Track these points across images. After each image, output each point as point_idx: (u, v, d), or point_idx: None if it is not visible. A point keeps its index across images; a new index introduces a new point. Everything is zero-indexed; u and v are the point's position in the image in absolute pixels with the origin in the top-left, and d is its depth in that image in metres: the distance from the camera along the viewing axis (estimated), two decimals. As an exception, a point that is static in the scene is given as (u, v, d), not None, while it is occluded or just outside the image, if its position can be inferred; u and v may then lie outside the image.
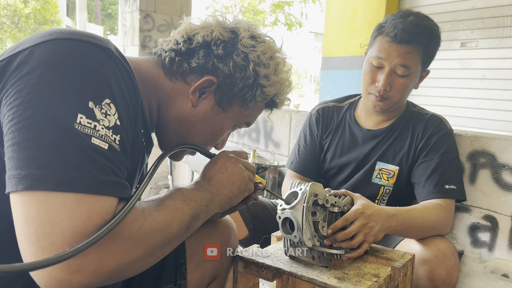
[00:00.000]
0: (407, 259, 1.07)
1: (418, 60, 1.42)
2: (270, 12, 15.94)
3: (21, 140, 0.63)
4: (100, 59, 0.72)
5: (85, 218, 0.63)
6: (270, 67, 0.94)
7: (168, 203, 0.81)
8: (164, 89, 0.93)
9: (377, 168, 1.55)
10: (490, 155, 1.56)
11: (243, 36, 0.93)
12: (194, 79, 0.92)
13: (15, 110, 0.65)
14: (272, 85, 0.95)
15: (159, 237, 0.75)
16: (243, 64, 0.92)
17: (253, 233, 1.58)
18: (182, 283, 1.07)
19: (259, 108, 1.02)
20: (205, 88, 0.92)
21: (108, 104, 0.70)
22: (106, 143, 0.68)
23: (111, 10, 20.13)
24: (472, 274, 1.45)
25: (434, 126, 1.50)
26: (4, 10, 15.33)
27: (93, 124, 0.67)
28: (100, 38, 0.77)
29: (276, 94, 0.99)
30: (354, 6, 5.11)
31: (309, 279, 0.98)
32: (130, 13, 3.81)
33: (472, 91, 4.38)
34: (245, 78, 0.92)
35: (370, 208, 1.12)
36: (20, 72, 0.68)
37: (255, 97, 0.95)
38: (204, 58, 0.91)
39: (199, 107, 0.94)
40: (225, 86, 0.92)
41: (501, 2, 4.05)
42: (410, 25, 1.38)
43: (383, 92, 1.45)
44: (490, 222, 1.58)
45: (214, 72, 0.91)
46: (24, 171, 0.62)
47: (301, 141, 1.77)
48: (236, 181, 0.97)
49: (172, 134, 0.98)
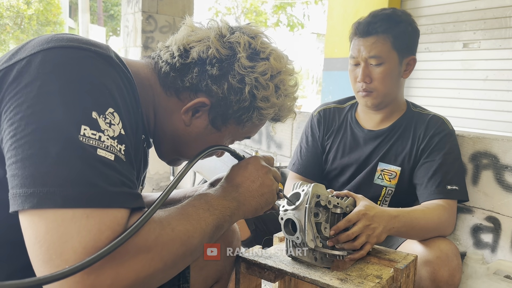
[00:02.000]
0: (409, 260, 1.07)
1: (388, 47, 1.46)
2: (272, 13, 15.95)
3: (25, 157, 0.62)
4: (100, 66, 0.70)
5: (96, 232, 0.61)
6: (269, 89, 0.88)
7: (190, 212, 0.78)
8: (160, 101, 0.90)
9: (379, 169, 1.55)
10: (493, 156, 1.56)
11: (241, 56, 0.86)
12: (188, 98, 0.88)
13: (17, 125, 0.63)
14: (271, 106, 0.90)
15: (179, 248, 0.72)
16: (239, 87, 0.86)
17: (255, 234, 1.58)
18: (185, 287, 1.06)
19: (261, 124, 0.97)
20: (198, 107, 0.88)
21: (112, 113, 0.68)
22: (112, 154, 0.66)
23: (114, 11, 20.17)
24: (475, 276, 1.45)
25: (436, 127, 1.50)
26: (7, 12, 15.38)
27: (97, 135, 0.65)
28: (99, 44, 0.74)
29: (277, 114, 0.94)
30: (356, 7, 5.11)
31: (312, 280, 0.98)
32: (133, 14, 3.82)
33: (474, 92, 4.37)
34: (241, 101, 0.87)
35: (372, 209, 1.12)
36: (19, 85, 0.65)
37: (252, 118, 0.90)
38: (198, 78, 0.86)
39: (193, 126, 0.90)
40: (219, 108, 0.88)
41: (504, 3, 4.04)
42: (368, 18, 1.49)
43: (365, 85, 1.50)
44: (492, 223, 1.58)
45: (208, 93, 0.86)
46: (30, 189, 0.60)
47: (302, 142, 1.77)
48: (265, 192, 0.94)
49: (167, 147, 0.95)
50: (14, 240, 0.69)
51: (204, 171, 2.73)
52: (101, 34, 16.73)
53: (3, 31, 15.62)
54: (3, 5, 15.09)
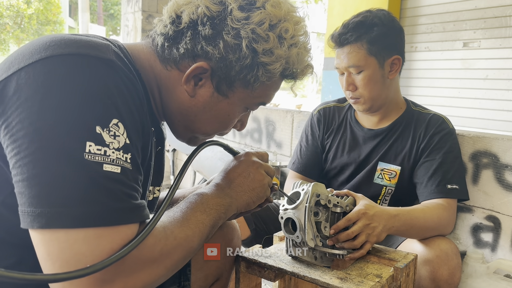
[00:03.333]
0: (409, 260, 1.07)
1: (363, 54, 1.46)
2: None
3: (30, 176, 0.61)
4: (101, 73, 0.68)
5: (108, 250, 0.63)
6: (271, 40, 0.79)
7: (189, 215, 0.79)
8: (161, 79, 0.86)
9: (379, 168, 1.55)
10: (493, 156, 1.56)
11: (233, 8, 0.79)
12: (187, 66, 0.82)
13: (20, 143, 0.62)
14: (277, 60, 0.81)
15: (180, 253, 0.75)
16: (235, 43, 0.79)
17: (255, 233, 1.58)
18: (186, 284, 1.06)
19: (273, 85, 0.88)
20: (199, 74, 0.82)
21: (116, 124, 0.67)
22: (118, 166, 0.66)
23: (114, 10, 20.17)
24: (475, 275, 1.45)
25: (436, 126, 1.50)
26: (7, 11, 15.38)
27: (103, 150, 0.64)
28: (99, 46, 0.72)
29: (286, 68, 0.85)
30: (356, 6, 5.11)
31: (312, 279, 0.98)
32: (133, 14, 3.82)
33: (474, 91, 4.37)
34: (241, 59, 0.79)
35: (372, 208, 1.12)
36: (19, 98, 0.64)
37: (258, 77, 0.82)
38: (192, 42, 0.80)
39: (198, 96, 0.85)
40: (220, 71, 0.81)
41: (504, 2, 4.04)
42: (340, 29, 1.51)
43: (352, 94, 1.52)
44: (492, 223, 1.58)
45: (206, 56, 0.80)
46: (37, 209, 0.61)
47: (302, 141, 1.77)
48: (256, 187, 0.95)
49: (179, 125, 0.92)
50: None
51: (204, 170, 2.74)
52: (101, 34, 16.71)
53: (3, 31, 15.62)
54: (3, 4, 15.08)
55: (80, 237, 0.61)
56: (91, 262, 0.61)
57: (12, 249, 0.74)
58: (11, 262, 0.74)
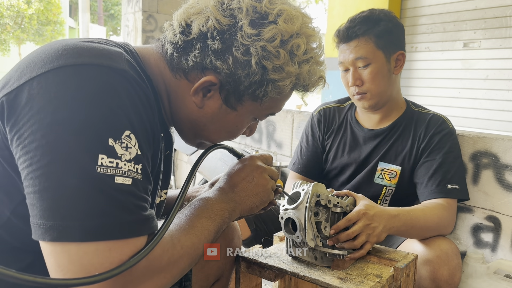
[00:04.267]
0: (409, 260, 1.07)
1: (371, 47, 1.47)
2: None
3: (42, 189, 0.61)
4: (114, 85, 0.67)
5: (118, 262, 0.63)
6: (281, 57, 0.78)
7: (195, 223, 0.80)
8: (171, 86, 0.85)
9: (379, 169, 1.55)
10: (493, 156, 1.56)
11: (244, 24, 0.76)
12: (196, 78, 0.82)
13: (32, 155, 0.62)
14: (287, 76, 0.80)
15: (186, 261, 0.76)
16: (245, 59, 0.77)
17: (255, 233, 1.59)
18: (187, 285, 1.06)
19: (283, 98, 0.88)
20: (208, 87, 0.81)
21: (128, 136, 0.67)
22: (130, 178, 0.66)
23: (114, 10, 20.18)
24: (475, 275, 1.45)
25: (436, 126, 1.50)
26: (7, 11, 15.39)
27: (115, 163, 0.64)
28: (112, 55, 0.71)
29: (297, 84, 0.84)
30: (356, 7, 5.11)
31: (312, 279, 0.98)
32: (133, 14, 3.83)
33: (474, 92, 4.37)
34: (250, 75, 0.78)
35: (372, 208, 1.13)
36: (31, 109, 0.63)
37: (267, 93, 0.81)
38: (201, 55, 0.79)
39: (206, 107, 0.84)
40: (229, 85, 0.80)
41: (504, 2, 4.04)
42: (347, 23, 1.52)
43: (358, 89, 1.52)
44: (493, 223, 1.58)
45: (215, 70, 0.79)
46: (49, 222, 0.61)
47: (303, 142, 1.77)
48: (259, 192, 0.95)
49: (188, 132, 0.93)
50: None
51: (205, 171, 2.74)
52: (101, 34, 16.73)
53: (3, 31, 15.63)
54: (3, 4, 15.09)
55: (91, 250, 0.62)
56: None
57: (23, 254, 0.75)
58: (23, 265, 0.75)
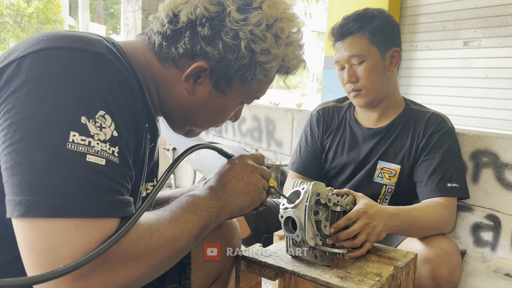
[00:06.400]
0: (409, 258, 1.07)
1: (366, 44, 1.48)
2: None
3: (13, 165, 0.62)
4: (91, 66, 0.68)
5: (85, 243, 0.62)
6: (268, 40, 0.82)
7: (178, 215, 0.79)
8: (159, 76, 0.87)
9: (379, 167, 1.55)
10: (493, 154, 1.56)
11: (231, 10, 0.80)
12: (186, 65, 0.84)
13: (6, 132, 0.63)
14: (274, 59, 0.85)
15: (166, 252, 0.73)
16: (234, 44, 0.81)
17: (255, 232, 1.59)
18: (187, 283, 1.07)
19: (268, 80, 0.92)
20: (198, 73, 0.84)
21: (103, 116, 0.67)
22: (103, 158, 0.65)
23: (114, 9, 20.15)
24: (475, 274, 1.45)
25: (436, 124, 1.50)
26: (7, 10, 15.37)
27: (87, 141, 0.64)
28: (91, 41, 0.72)
29: (282, 66, 0.89)
30: (356, 5, 5.09)
31: (312, 278, 0.98)
32: (133, 12, 3.82)
33: (475, 90, 4.37)
34: (240, 59, 0.82)
35: (372, 207, 1.13)
36: (8, 89, 0.65)
37: (256, 75, 0.85)
38: (191, 42, 0.82)
39: (196, 93, 0.87)
40: (219, 70, 0.84)
41: (504, 1, 4.03)
42: (341, 21, 1.53)
43: (353, 85, 1.52)
44: (492, 222, 1.58)
45: (205, 56, 0.82)
46: (18, 197, 0.61)
47: (302, 142, 1.77)
48: (250, 191, 0.94)
49: (177, 120, 0.94)
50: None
51: (204, 169, 2.73)
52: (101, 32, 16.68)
53: (3, 29, 15.61)
54: (3, 3, 15.07)
55: (57, 227, 0.61)
56: (67, 253, 0.61)
57: (10, 244, 0.73)
58: (9, 258, 0.74)
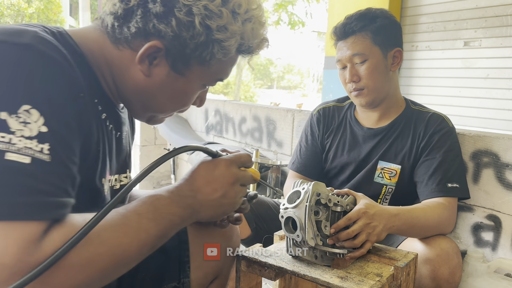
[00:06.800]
0: (410, 259, 1.07)
1: (368, 43, 1.48)
2: (273, 11, 15.92)
3: None
4: (14, 60, 0.64)
5: (2, 247, 0.57)
6: (224, 16, 0.78)
7: (131, 220, 0.72)
8: (113, 59, 0.83)
9: (379, 167, 1.55)
10: (494, 155, 1.56)
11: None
12: (140, 45, 0.79)
13: None
14: (232, 36, 0.80)
15: (107, 261, 0.67)
16: (188, 20, 0.76)
17: (256, 232, 1.58)
18: (186, 281, 1.06)
19: (229, 61, 0.87)
20: (153, 53, 0.79)
21: (27, 111, 0.62)
22: (28, 156, 0.61)
23: (114, 9, 20.12)
24: (475, 274, 1.45)
25: (436, 125, 1.50)
26: (7, 10, 15.38)
27: (7, 138, 0.60)
28: (20, 32, 0.68)
29: (242, 44, 0.83)
30: (357, 5, 5.09)
31: (312, 278, 0.98)
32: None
33: (475, 91, 4.36)
34: (195, 36, 0.77)
35: (373, 207, 1.12)
36: None
37: (214, 54, 0.81)
38: (143, 20, 0.77)
39: (153, 75, 0.82)
40: (175, 49, 0.79)
41: (505, 1, 4.03)
42: (344, 20, 1.53)
43: (355, 85, 1.52)
44: (493, 222, 1.58)
45: (159, 35, 0.78)
46: None
47: (302, 141, 1.77)
48: (225, 204, 0.85)
49: (136, 105, 0.89)
50: None
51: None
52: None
53: (3, 30, 15.59)
54: (3, 3, 15.08)
55: None
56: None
57: None
58: None
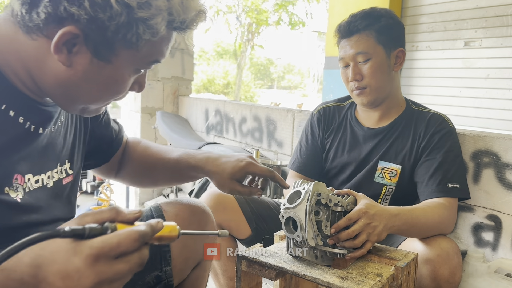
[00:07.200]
0: (410, 259, 1.07)
1: (372, 42, 1.48)
2: (273, 11, 15.92)
3: None
4: None
5: None
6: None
7: None
8: (27, 51, 0.74)
9: (380, 167, 1.55)
10: (494, 155, 1.56)
11: None
12: (54, 32, 0.70)
13: None
14: (158, 12, 0.72)
15: None
16: (104, 0, 0.68)
17: (256, 232, 1.59)
18: (168, 270, 1.07)
19: (162, 40, 0.78)
20: (71, 40, 0.71)
21: None
22: None
23: (114, 9, 20.12)
24: (476, 274, 1.45)
25: (437, 125, 1.50)
26: (8, 10, 15.35)
27: None
28: None
29: (172, 20, 0.75)
30: (357, 5, 5.09)
31: (312, 278, 0.98)
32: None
33: (475, 91, 4.37)
34: (114, 17, 0.69)
35: (373, 207, 1.12)
36: None
37: (140, 35, 0.73)
38: (52, 4, 0.69)
39: (75, 65, 0.74)
40: (94, 34, 0.71)
41: (505, 1, 4.03)
42: (348, 18, 1.53)
43: (357, 83, 1.51)
44: (493, 222, 1.58)
45: (72, 19, 0.69)
46: None
47: (302, 141, 1.77)
48: None
49: (61, 98, 0.80)
50: None
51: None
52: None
53: (4, 30, 15.60)
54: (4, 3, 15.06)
55: None
56: None
57: None
58: None
